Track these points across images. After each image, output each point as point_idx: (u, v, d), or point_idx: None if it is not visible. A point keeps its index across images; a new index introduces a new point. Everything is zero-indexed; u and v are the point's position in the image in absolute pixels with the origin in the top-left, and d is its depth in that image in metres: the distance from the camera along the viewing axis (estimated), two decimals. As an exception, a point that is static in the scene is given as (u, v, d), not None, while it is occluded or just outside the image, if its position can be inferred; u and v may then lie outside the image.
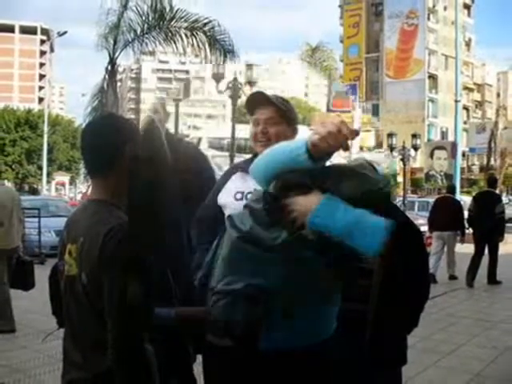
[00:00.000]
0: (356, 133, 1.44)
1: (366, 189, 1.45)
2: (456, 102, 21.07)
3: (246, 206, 1.56)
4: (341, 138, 1.41)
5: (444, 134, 49.89)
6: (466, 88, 50.40)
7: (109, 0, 12.26)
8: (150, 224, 1.05)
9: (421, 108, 50.33)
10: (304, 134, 1.72)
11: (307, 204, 1.44)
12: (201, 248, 2.26)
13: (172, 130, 10.78)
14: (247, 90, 13.23)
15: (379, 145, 39.70)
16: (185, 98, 13.25)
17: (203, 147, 17.11)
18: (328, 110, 39.26)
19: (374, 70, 54.92)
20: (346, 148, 1.44)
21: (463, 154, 34.88)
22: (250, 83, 13.55)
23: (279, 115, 2.29)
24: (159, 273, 1.24)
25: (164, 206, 1.09)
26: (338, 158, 1.62)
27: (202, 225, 2.40)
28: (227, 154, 13.33)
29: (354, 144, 24.85)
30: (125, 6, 12.47)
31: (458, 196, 18.70)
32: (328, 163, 1.56)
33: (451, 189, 10.24)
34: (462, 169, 30.21)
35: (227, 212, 2.16)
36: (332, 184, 1.46)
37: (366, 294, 1.63)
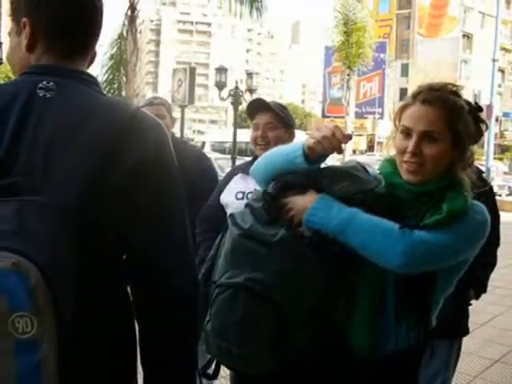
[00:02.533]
0: (349, 137, 1.44)
1: (358, 189, 1.45)
2: (493, 61, 18.55)
3: (246, 205, 1.57)
4: (335, 141, 1.42)
5: (476, 97, 41.50)
6: (502, 49, 42.33)
7: None
8: (154, 225, 1.04)
9: (453, 69, 43.73)
10: (301, 137, 1.73)
11: (304, 203, 1.44)
12: (204, 245, 2.27)
13: (178, 134, 10.77)
14: (248, 97, 13.22)
15: (371, 148, 39.56)
16: (190, 104, 13.19)
17: (207, 150, 17.11)
18: (323, 115, 39.20)
19: (405, 28, 48.20)
20: (340, 151, 1.44)
21: (496, 119, 30.90)
22: (251, 91, 13.56)
23: (277, 120, 2.31)
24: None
25: (171, 207, 1.08)
26: (333, 161, 1.63)
27: (206, 223, 2.41)
28: (229, 156, 13.32)
29: (348, 147, 24.79)
30: None
31: (490, 162, 17.70)
32: (323, 165, 1.56)
33: None
34: (495, 134, 26.65)
35: (229, 211, 2.17)
36: (327, 184, 1.47)
37: None
